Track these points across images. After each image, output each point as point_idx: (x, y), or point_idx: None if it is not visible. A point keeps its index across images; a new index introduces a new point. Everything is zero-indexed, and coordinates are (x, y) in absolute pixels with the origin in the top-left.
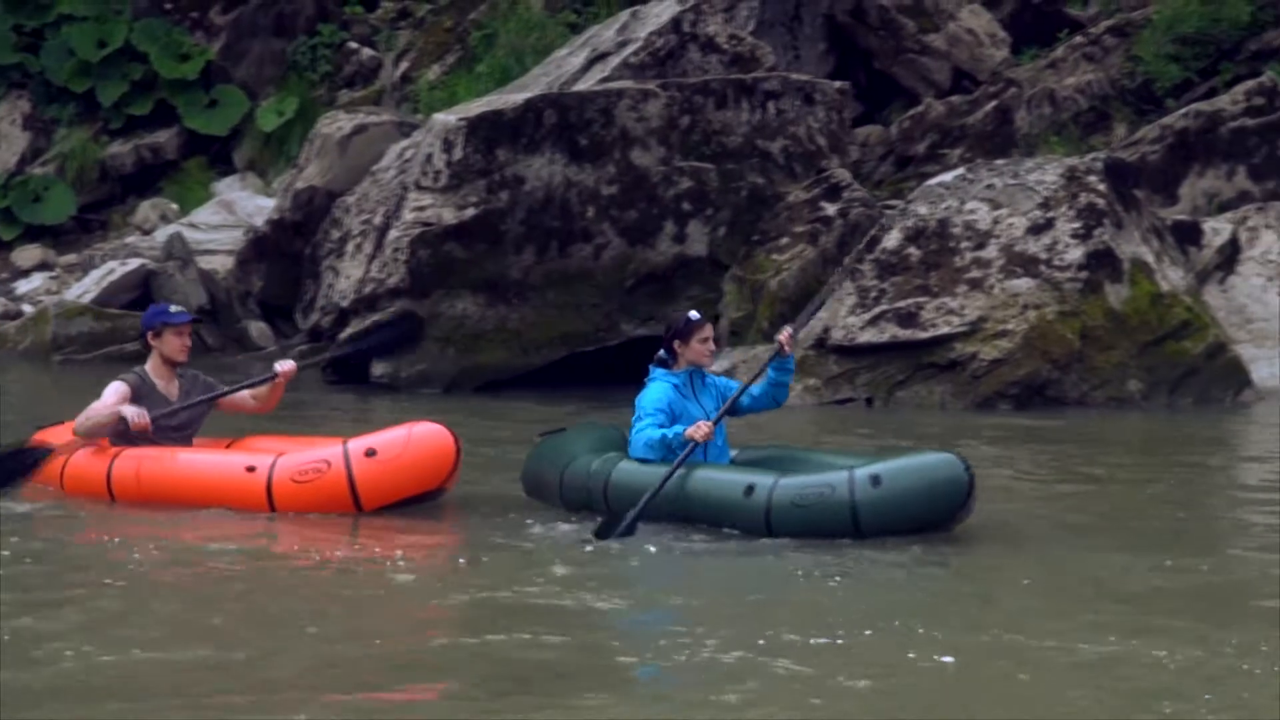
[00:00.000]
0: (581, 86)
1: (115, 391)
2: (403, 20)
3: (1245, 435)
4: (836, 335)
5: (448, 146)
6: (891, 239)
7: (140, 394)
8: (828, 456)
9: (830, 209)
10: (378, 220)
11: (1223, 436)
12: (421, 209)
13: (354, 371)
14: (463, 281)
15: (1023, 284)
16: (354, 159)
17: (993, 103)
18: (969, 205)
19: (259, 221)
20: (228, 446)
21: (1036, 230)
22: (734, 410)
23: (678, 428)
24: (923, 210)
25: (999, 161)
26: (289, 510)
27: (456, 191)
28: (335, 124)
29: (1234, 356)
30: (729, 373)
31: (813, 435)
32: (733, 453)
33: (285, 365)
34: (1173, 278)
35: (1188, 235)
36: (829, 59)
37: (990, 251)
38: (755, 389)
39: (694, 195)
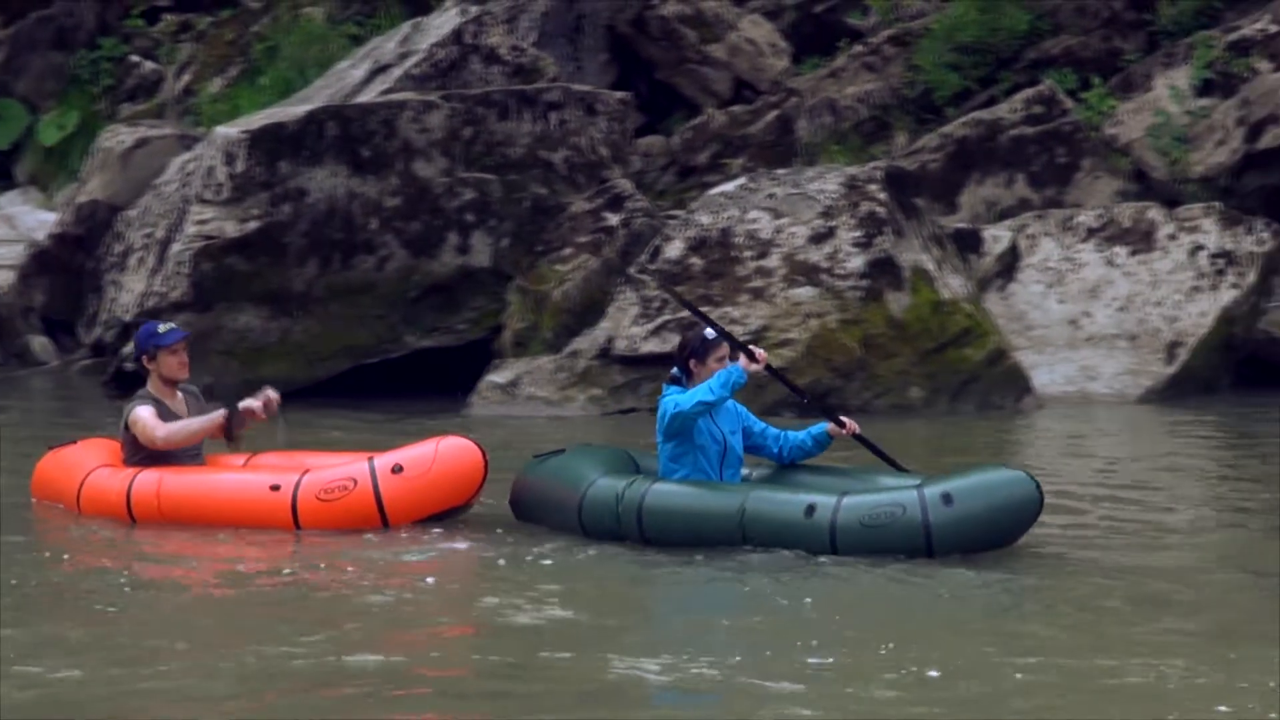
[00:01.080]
0: (364, 98)
1: (150, 412)
2: (184, 33)
3: (1025, 441)
4: (620, 345)
5: (229, 159)
6: (674, 249)
7: (161, 415)
8: (853, 474)
9: (613, 219)
10: (160, 234)
11: (1002, 442)
12: (204, 222)
13: (135, 383)
14: (246, 294)
15: (805, 293)
16: (136, 172)
17: (774, 112)
18: (751, 214)
19: (41, 236)
20: (244, 464)
21: (818, 239)
22: (753, 445)
23: (710, 384)
24: (705, 220)
25: (780, 171)
26: (314, 528)
27: (239, 204)
28: (117, 137)
29: (1014, 363)
30: (513, 384)
31: None
32: (744, 471)
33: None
34: (953, 285)
35: (968, 243)
36: (611, 70)
37: (772, 260)
38: (787, 438)
39: (477, 206)
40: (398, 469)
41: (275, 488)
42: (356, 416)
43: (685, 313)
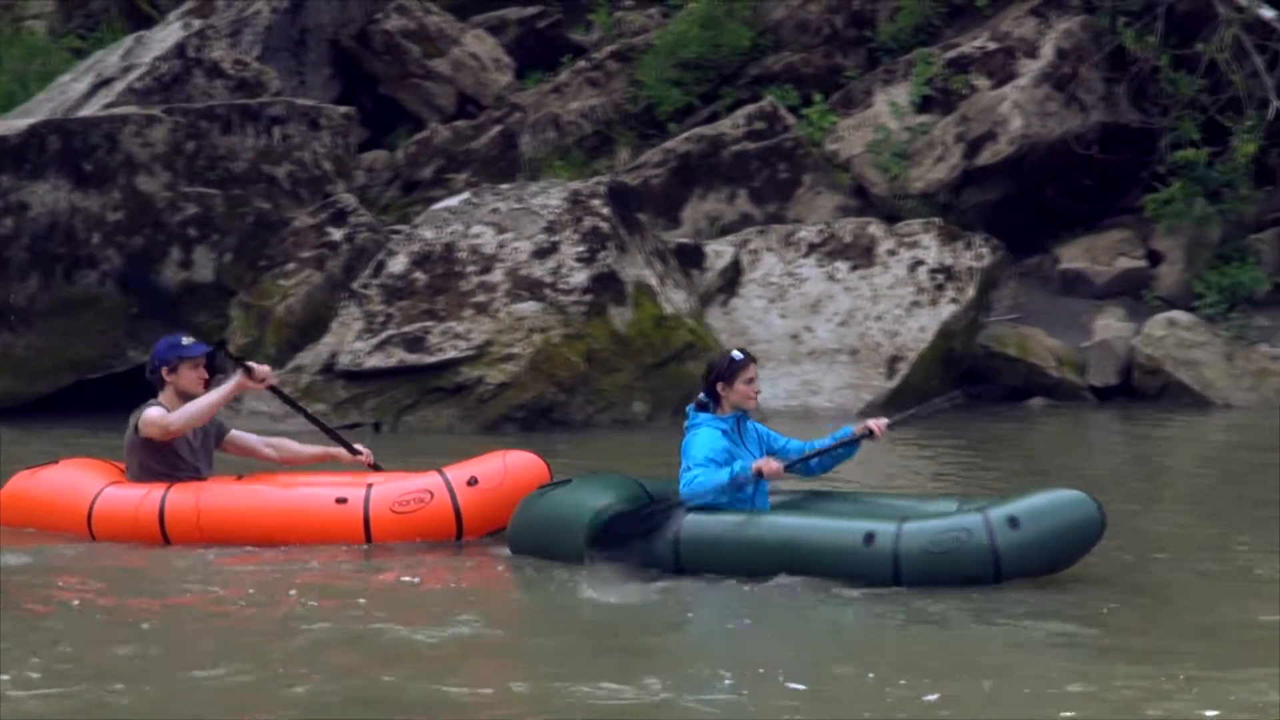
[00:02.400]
0: (86, 112)
1: (161, 411)
2: None
3: None
4: (344, 360)
5: None
6: (398, 263)
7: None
8: (875, 496)
9: (336, 234)
10: None
11: None
12: None
13: None
14: None
15: (528, 307)
16: None
17: (497, 127)
18: (474, 229)
19: None
20: (240, 478)
21: (541, 254)
22: (799, 466)
23: (742, 462)
24: (429, 234)
25: (504, 186)
26: (388, 541)
27: None
28: None
29: None
30: (235, 400)
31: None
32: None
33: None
34: (676, 300)
35: (690, 258)
36: (335, 84)
37: (496, 275)
38: (812, 446)
39: (200, 221)
40: (473, 481)
41: (342, 500)
42: (80, 431)
43: (409, 326)
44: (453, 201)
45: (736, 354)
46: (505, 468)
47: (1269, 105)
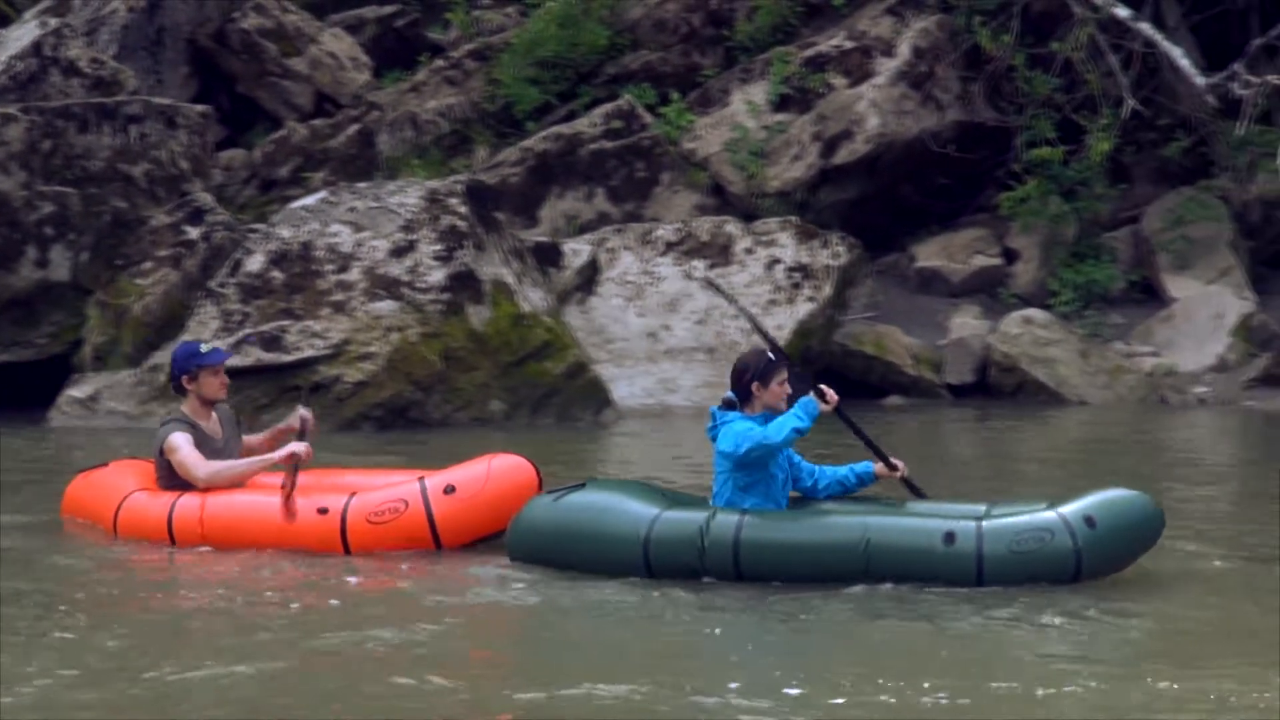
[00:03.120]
0: None
1: (188, 441)
2: None
3: (603, 453)
4: None
5: None
6: (255, 262)
7: (197, 442)
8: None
9: (193, 232)
10: None
11: (580, 455)
12: None
13: None
14: None
15: (386, 306)
16: None
17: (355, 126)
18: (332, 228)
19: None
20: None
21: (399, 253)
22: (803, 485)
23: (798, 413)
24: (285, 233)
25: (361, 185)
26: (364, 551)
27: None
28: None
29: (594, 376)
30: (93, 398)
31: None
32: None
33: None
34: (533, 299)
35: (548, 257)
36: (192, 83)
37: (353, 274)
38: (824, 472)
39: (56, 220)
40: (450, 489)
41: (323, 511)
42: None
43: (266, 325)
44: (310, 200)
45: (771, 354)
46: (488, 474)
47: (1123, 104)
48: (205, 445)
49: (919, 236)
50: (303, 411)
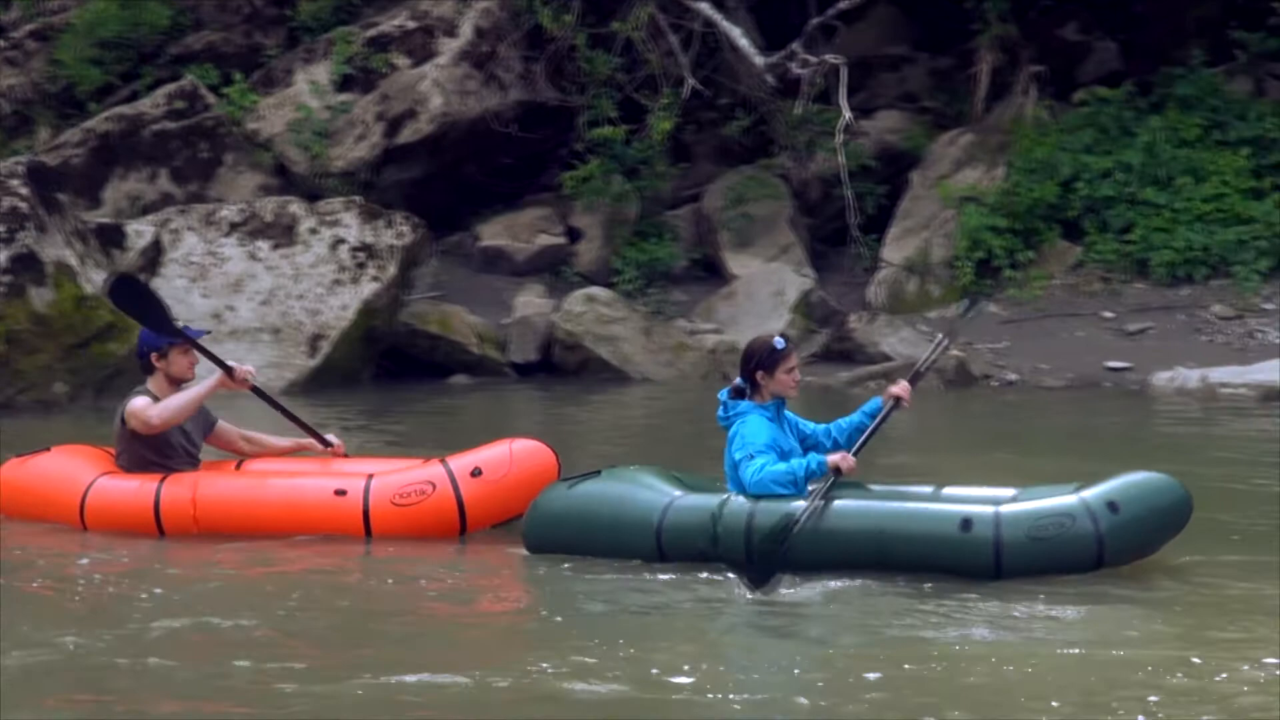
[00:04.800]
0: None
1: (147, 401)
2: None
3: None
4: None
5: None
6: None
7: None
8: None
9: None
10: None
11: None
12: None
13: None
14: None
15: None
16: None
17: None
18: None
19: None
20: (239, 468)
21: None
22: (810, 448)
23: (816, 457)
24: None
25: None
26: (388, 535)
27: None
28: None
29: None
30: None
31: None
32: None
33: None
34: (97, 280)
35: (112, 238)
36: None
37: None
38: (839, 428)
39: None
40: (477, 472)
41: (341, 492)
42: None
43: None
44: None
45: (778, 341)
46: (511, 457)
47: (684, 83)
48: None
49: (483, 216)
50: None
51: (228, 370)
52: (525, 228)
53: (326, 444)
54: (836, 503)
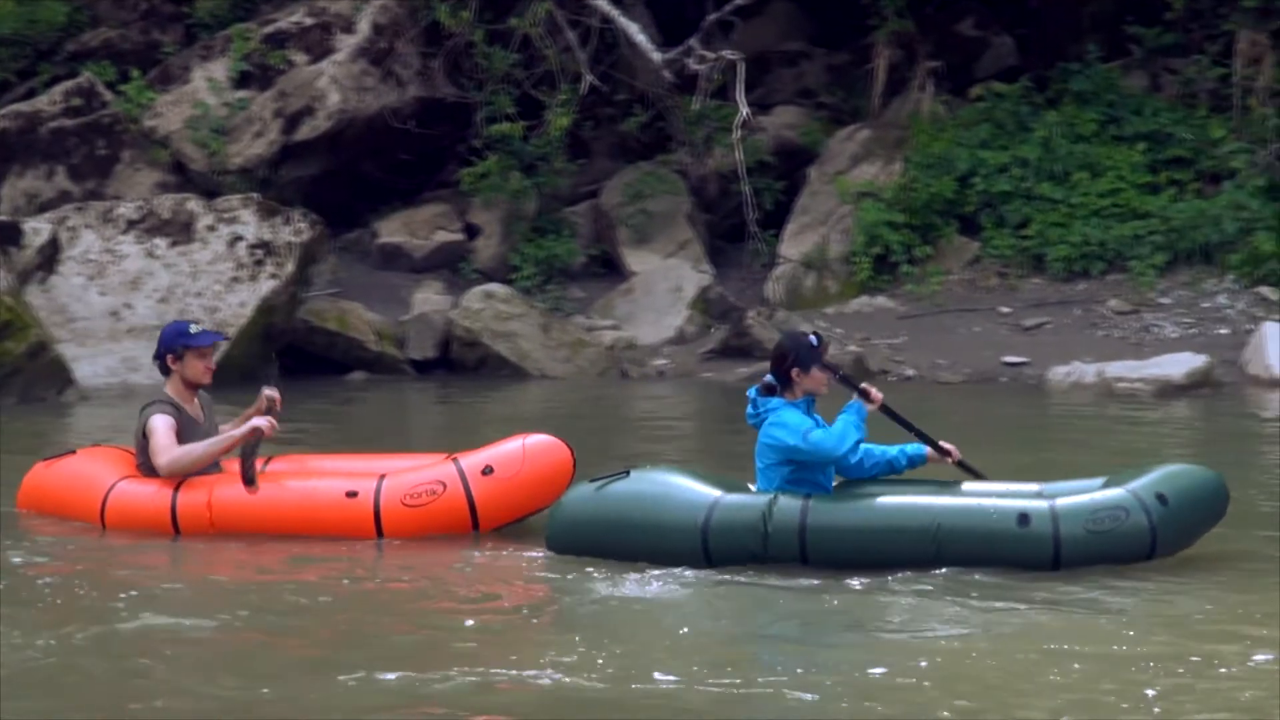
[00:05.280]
0: None
1: (168, 427)
2: None
3: (64, 432)
4: None
5: None
6: None
7: (180, 423)
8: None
9: None
10: None
11: (44, 434)
12: None
13: None
14: None
15: None
16: None
17: None
18: None
19: None
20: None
21: None
22: (846, 464)
23: (850, 417)
24: None
25: None
26: (400, 536)
27: None
28: None
29: (56, 356)
30: None
31: None
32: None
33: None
34: None
35: (8, 236)
36: None
37: None
38: (869, 452)
39: None
40: (488, 470)
41: (352, 494)
42: None
43: None
44: None
45: (814, 338)
46: (524, 454)
47: (582, 79)
48: (189, 429)
49: (381, 213)
50: (269, 391)
51: (256, 431)
52: (423, 224)
53: (270, 399)
54: (892, 499)
